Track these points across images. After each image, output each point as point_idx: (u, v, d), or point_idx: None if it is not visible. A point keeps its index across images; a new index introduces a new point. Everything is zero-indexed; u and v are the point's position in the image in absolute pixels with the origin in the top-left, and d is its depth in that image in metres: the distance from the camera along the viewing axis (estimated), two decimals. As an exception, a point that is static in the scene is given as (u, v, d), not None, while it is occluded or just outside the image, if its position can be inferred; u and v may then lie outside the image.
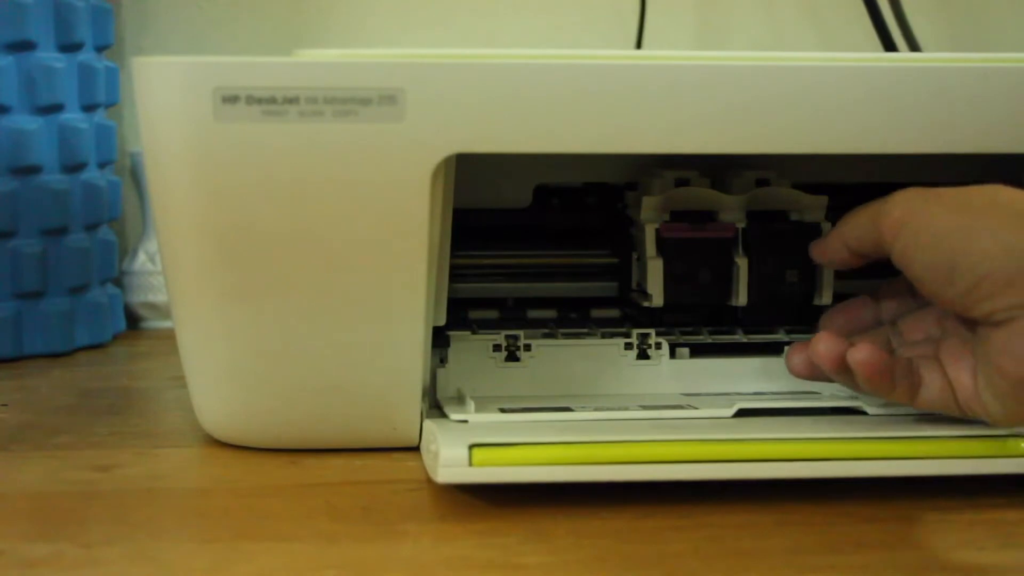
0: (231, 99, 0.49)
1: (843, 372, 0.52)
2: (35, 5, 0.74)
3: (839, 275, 0.60)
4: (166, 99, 0.50)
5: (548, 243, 0.66)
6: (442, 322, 0.57)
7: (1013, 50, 0.79)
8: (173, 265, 0.54)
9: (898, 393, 0.52)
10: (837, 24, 0.97)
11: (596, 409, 0.55)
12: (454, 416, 0.54)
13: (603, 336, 0.61)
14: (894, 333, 0.56)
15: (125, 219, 0.91)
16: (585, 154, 0.51)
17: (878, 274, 0.56)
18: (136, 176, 0.87)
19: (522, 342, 0.60)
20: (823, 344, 0.52)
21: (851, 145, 0.52)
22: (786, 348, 0.57)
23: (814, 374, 0.55)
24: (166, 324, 0.85)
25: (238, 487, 0.51)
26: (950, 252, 0.48)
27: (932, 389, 0.51)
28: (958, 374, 0.51)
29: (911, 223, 0.49)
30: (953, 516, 0.48)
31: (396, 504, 0.49)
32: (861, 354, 0.51)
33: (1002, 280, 0.47)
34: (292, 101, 0.49)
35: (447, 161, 0.51)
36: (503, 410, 0.55)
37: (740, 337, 0.62)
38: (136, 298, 0.85)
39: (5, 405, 0.65)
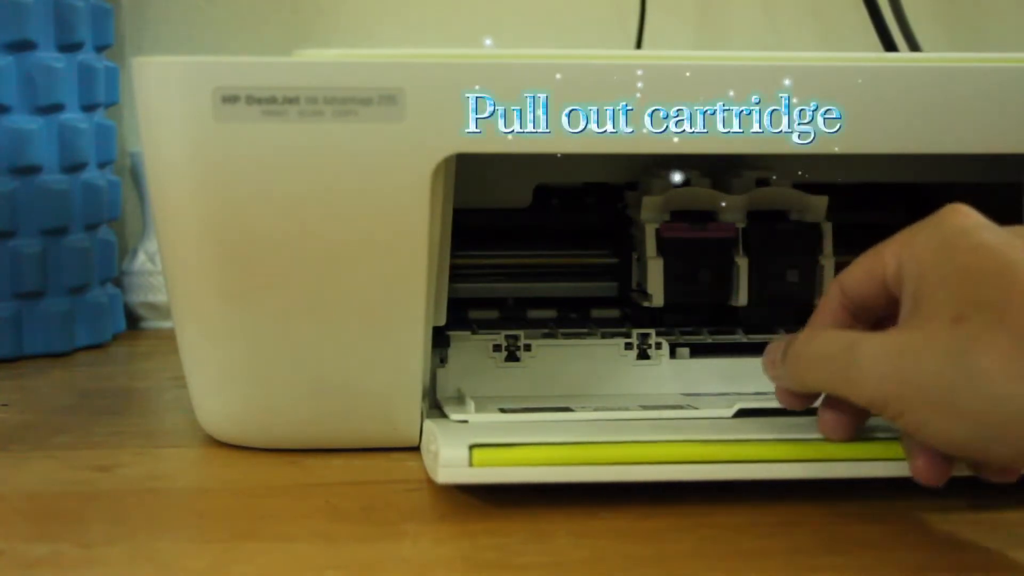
0: (231, 99, 0.49)
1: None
2: (35, 5, 0.74)
3: (839, 275, 0.60)
4: (166, 99, 0.50)
5: (548, 243, 0.66)
6: (442, 322, 0.57)
7: (1013, 50, 0.78)
8: (173, 265, 0.54)
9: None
10: (837, 24, 0.97)
11: (596, 409, 0.55)
12: (454, 416, 0.54)
13: (603, 336, 0.61)
14: None
15: (125, 219, 0.91)
16: (585, 154, 0.51)
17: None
18: (136, 176, 0.87)
19: (522, 342, 0.60)
20: (922, 461, 0.46)
21: (850, 145, 0.52)
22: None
23: (846, 434, 0.49)
24: (166, 324, 0.85)
25: (238, 487, 0.51)
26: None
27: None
28: None
29: (909, 242, 0.46)
30: (953, 516, 0.48)
31: (396, 504, 0.49)
32: (922, 472, 0.46)
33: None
34: (292, 101, 0.49)
35: (447, 161, 0.51)
36: (503, 410, 0.55)
37: (740, 337, 0.62)
38: (136, 298, 0.85)
39: (5, 405, 0.65)
